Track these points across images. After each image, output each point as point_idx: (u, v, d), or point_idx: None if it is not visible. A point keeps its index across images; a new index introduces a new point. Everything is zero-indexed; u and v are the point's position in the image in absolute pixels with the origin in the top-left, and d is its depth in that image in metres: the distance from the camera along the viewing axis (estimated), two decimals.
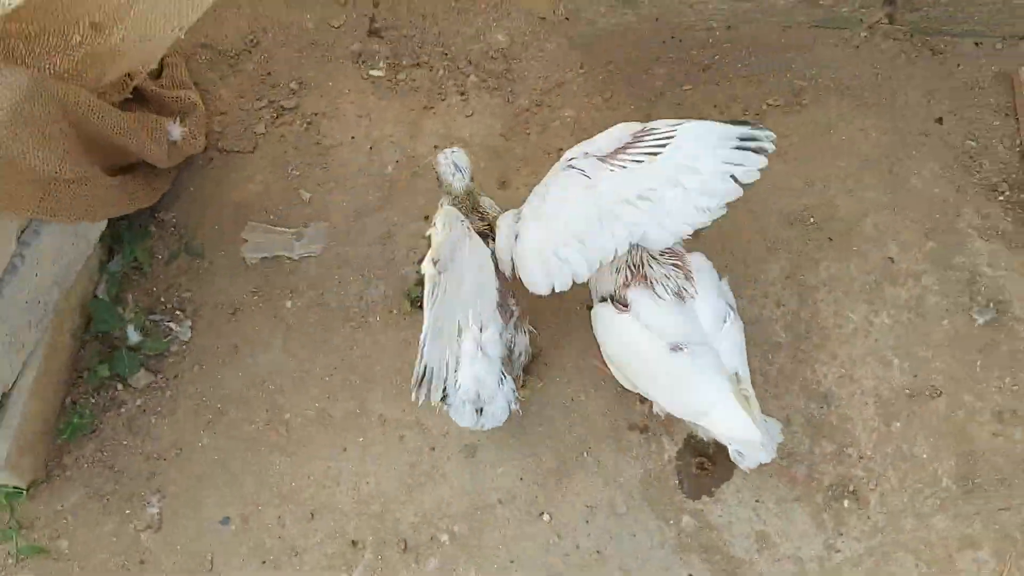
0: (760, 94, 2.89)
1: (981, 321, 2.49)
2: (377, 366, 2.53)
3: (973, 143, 2.77)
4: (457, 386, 2.05)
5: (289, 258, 2.65)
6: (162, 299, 2.60)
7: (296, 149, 2.81)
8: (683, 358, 1.98)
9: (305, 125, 2.85)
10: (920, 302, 2.55)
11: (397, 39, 2.99)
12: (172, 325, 2.55)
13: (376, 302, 2.62)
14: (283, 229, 2.68)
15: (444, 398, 2.06)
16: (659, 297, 2.04)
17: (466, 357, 2.05)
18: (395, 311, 2.60)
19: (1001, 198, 2.67)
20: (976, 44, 2.92)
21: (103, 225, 2.47)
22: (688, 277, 2.07)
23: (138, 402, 2.45)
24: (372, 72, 2.94)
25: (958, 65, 2.89)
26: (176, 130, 2.57)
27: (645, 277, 2.05)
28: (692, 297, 2.05)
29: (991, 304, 2.51)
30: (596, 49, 2.96)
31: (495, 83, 2.94)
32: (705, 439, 2.23)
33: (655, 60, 2.95)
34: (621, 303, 2.06)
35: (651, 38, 2.98)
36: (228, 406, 2.47)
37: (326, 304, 2.61)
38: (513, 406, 2.14)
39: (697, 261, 2.12)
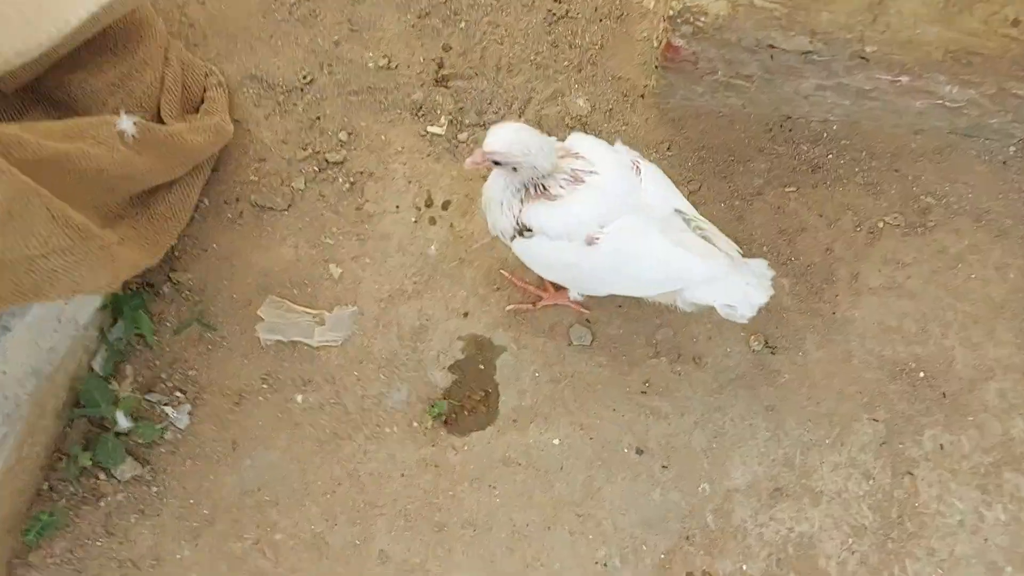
0: (877, 207, 2.44)
1: None
2: (387, 488, 2.22)
3: None
4: None
5: (307, 345, 2.35)
6: (163, 376, 2.33)
7: (335, 213, 2.49)
8: (607, 242, 1.87)
9: (349, 185, 2.52)
10: None
11: (464, 91, 2.61)
12: (169, 409, 2.28)
13: (397, 409, 2.30)
14: (305, 310, 2.38)
15: None
16: (556, 197, 1.89)
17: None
18: (415, 424, 2.28)
19: None
20: None
21: (96, 301, 2.20)
22: (578, 157, 1.90)
23: (120, 496, 2.20)
24: (430, 129, 2.58)
25: None
26: (127, 121, 2.08)
27: (538, 191, 1.91)
28: (591, 173, 1.88)
29: None
30: (688, 130, 2.54)
31: None
32: (691, 310, 2.08)
33: (757, 152, 2.51)
34: (526, 230, 1.95)
35: (755, 125, 2.53)
36: (217, 515, 2.19)
37: (341, 404, 2.31)
38: None
39: (577, 137, 1.98)
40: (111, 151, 2.04)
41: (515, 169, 1.89)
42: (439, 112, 2.60)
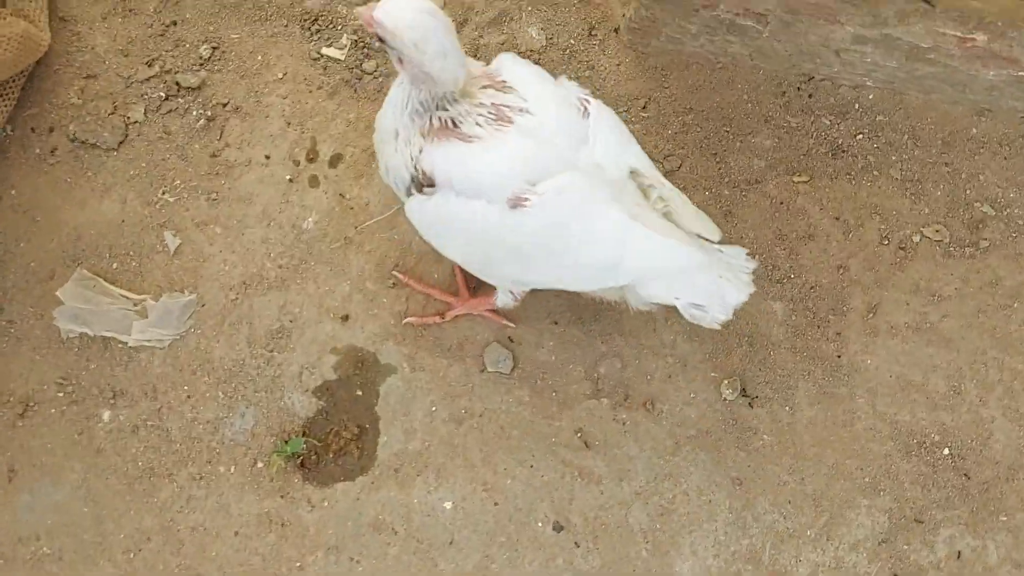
0: (915, 214, 1.80)
1: None
2: (213, 550, 1.65)
3: None
4: None
5: (123, 343, 1.72)
6: None
7: (182, 159, 1.82)
8: (539, 207, 1.34)
9: (205, 120, 1.84)
10: None
11: None
12: None
13: (237, 442, 1.70)
14: (123, 294, 1.74)
15: None
16: (470, 138, 1.35)
17: None
18: (260, 464, 1.69)
19: None
20: None
21: None
22: (505, 88, 1.38)
23: None
24: (326, 51, 1.89)
25: None
26: None
27: (445, 125, 1.36)
28: (523, 112, 1.37)
29: None
30: (673, 84, 1.87)
31: None
32: (639, 308, 1.55)
33: (762, 122, 1.85)
34: (427, 183, 1.39)
35: (763, 84, 1.86)
36: None
37: (163, 428, 1.70)
38: None
39: (507, 61, 1.43)
40: None
41: (412, 78, 1.32)
42: (340, 28, 1.90)
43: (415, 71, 1.31)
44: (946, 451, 1.71)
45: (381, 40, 1.32)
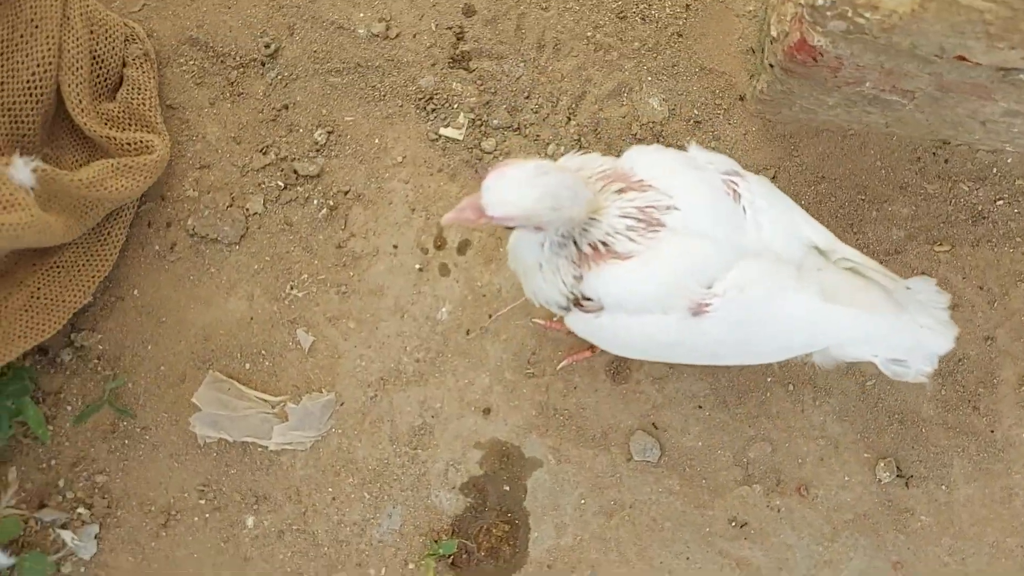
0: None
1: None
2: None
3: None
4: None
5: (263, 447, 1.68)
6: (61, 483, 1.67)
7: (307, 251, 1.78)
8: (723, 309, 1.28)
9: (327, 210, 1.80)
10: None
11: (492, 76, 1.86)
12: (68, 535, 1.63)
13: (386, 543, 1.66)
14: (260, 396, 1.70)
15: None
16: (627, 256, 1.27)
17: None
18: (412, 565, 1.65)
19: None
20: None
21: None
22: (643, 187, 1.30)
23: None
24: (444, 131, 1.85)
25: None
26: (23, 168, 1.47)
27: (597, 249, 1.29)
28: (670, 209, 1.28)
29: None
30: (804, 152, 1.83)
31: None
32: (829, 367, 1.47)
33: (898, 190, 1.81)
34: (588, 302, 1.32)
35: (897, 151, 1.82)
36: None
37: (309, 532, 1.67)
38: None
39: (637, 155, 1.36)
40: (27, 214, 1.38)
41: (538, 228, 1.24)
42: (456, 106, 1.86)
43: (553, 224, 1.26)
44: None
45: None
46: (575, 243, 1.30)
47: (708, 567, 1.66)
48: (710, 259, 1.31)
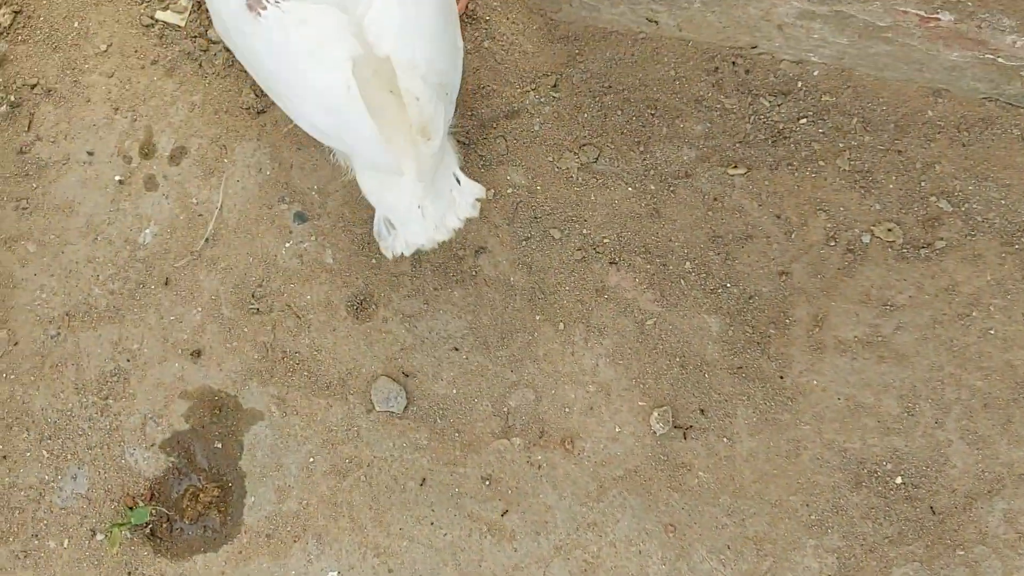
0: (865, 210, 1.58)
1: None
2: None
3: None
4: None
5: None
6: None
7: None
8: (272, 21, 1.11)
9: (8, 106, 1.46)
10: None
11: None
12: None
13: (69, 509, 1.38)
14: None
15: None
16: None
17: None
18: (100, 535, 1.38)
19: None
20: None
21: None
22: None
23: None
24: (161, 15, 1.52)
25: None
26: None
27: None
28: None
29: None
30: (590, 58, 1.58)
31: None
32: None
33: (692, 103, 1.58)
34: None
35: (693, 58, 1.59)
36: None
37: None
38: None
39: None
40: None
41: None
42: None
43: None
44: (899, 480, 1.52)
45: None
46: None
47: (455, 532, 1.44)
48: None
